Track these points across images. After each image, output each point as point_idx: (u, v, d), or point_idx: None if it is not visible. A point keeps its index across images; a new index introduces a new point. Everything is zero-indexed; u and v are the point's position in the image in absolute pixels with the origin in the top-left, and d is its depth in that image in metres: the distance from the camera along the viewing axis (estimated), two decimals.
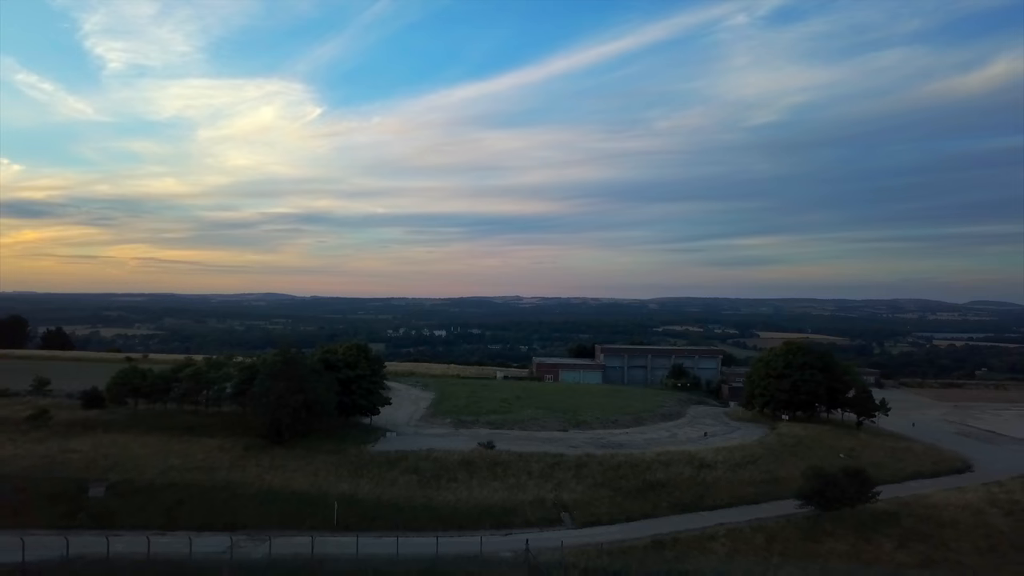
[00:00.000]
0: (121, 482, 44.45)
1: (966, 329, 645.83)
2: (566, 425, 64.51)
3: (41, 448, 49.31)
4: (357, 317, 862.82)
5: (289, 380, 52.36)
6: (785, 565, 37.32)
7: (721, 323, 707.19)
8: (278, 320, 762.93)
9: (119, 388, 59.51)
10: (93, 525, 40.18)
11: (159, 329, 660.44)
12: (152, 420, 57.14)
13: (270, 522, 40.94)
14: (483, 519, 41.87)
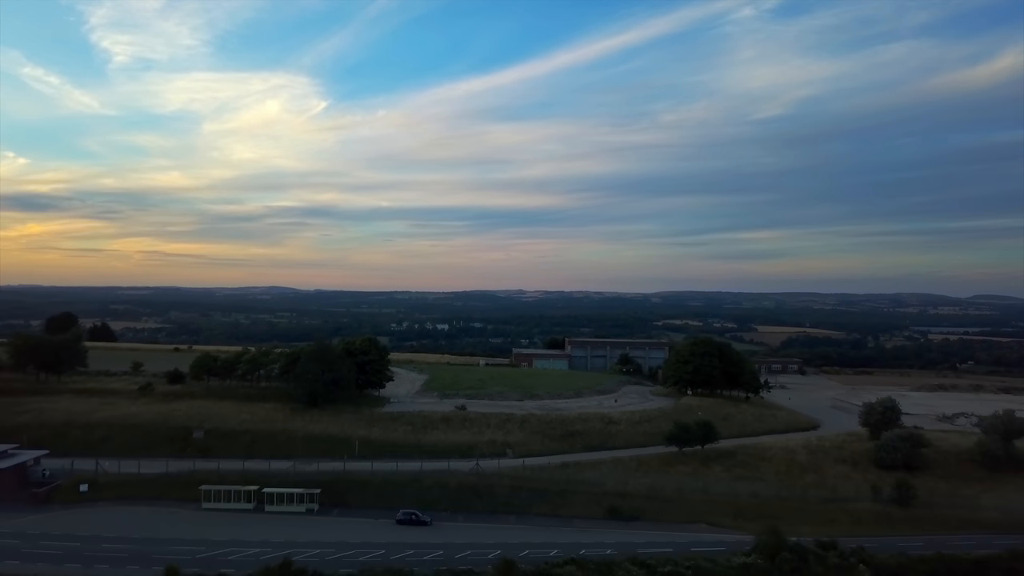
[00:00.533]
0: (212, 429, 63.77)
1: (966, 323, 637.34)
2: (522, 397, 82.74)
3: (153, 408, 68.46)
4: (361, 311, 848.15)
5: (322, 363, 71.34)
6: (641, 476, 56.56)
7: (721, 317, 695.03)
8: (283, 314, 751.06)
9: (198, 369, 78.61)
10: (199, 456, 59.39)
11: (166, 322, 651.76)
12: (223, 391, 76.34)
13: (314, 454, 60.02)
14: (453, 452, 60.99)
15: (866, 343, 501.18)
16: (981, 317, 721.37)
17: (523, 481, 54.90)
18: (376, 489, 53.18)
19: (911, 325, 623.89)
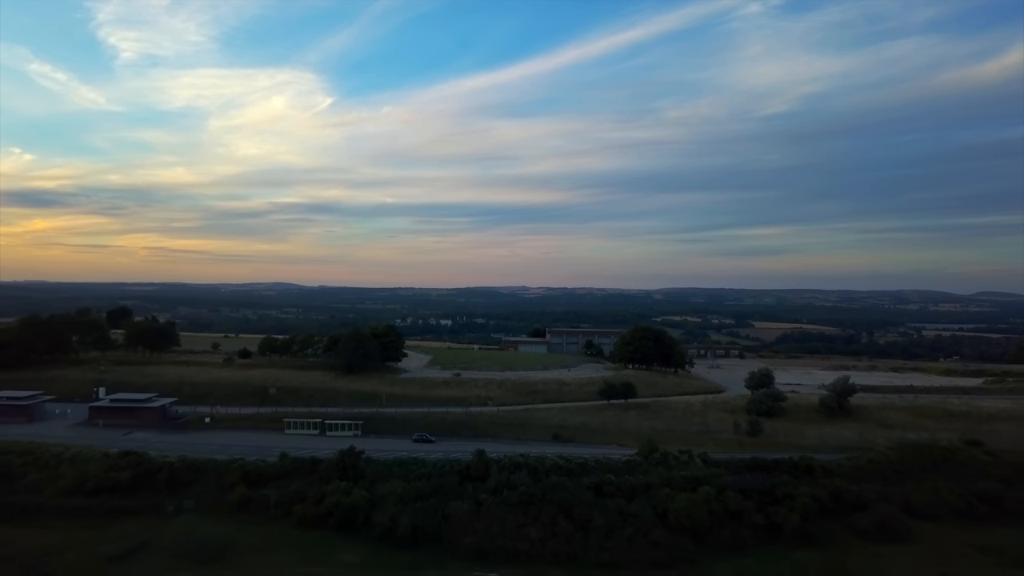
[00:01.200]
0: (281, 387, 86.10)
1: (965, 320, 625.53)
2: (503, 369, 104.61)
3: (236, 373, 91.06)
4: (365, 307, 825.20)
5: (356, 342, 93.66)
6: (578, 416, 78.90)
7: (721, 313, 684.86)
8: (289, 310, 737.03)
9: (264, 347, 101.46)
10: (274, 405, 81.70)
11: (176, 318, 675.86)
12: (283, 363, 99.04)
13: (353, 404, 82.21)
14: (450, 402, 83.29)
15: (859, 339, 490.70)
16: (981, 314, 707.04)
17: (497, 418, 77.65)
18: (398, 422, 75.90)
19: (908, 322, 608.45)
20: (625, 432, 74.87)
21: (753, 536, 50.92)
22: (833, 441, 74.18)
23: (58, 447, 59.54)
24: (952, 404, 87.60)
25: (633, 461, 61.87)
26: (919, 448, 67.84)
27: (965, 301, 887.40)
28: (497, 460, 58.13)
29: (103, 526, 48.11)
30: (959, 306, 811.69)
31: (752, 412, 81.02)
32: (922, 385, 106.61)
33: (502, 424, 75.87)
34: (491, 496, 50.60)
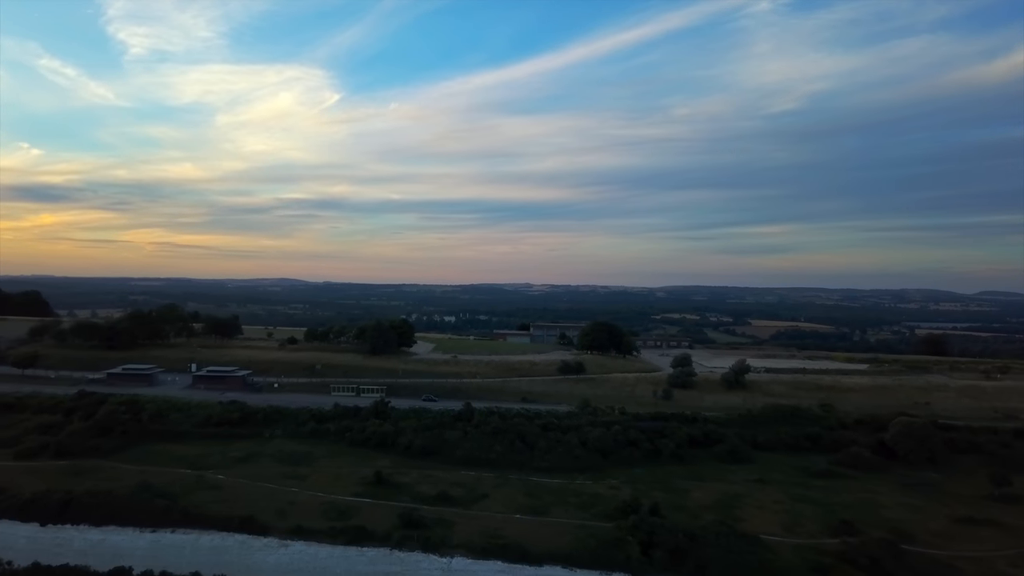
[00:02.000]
0: (324, 364, 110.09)
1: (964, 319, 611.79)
2: (491, 354, 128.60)
3: (290, 355, 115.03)
4: (370, 303, 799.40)
5: (379, 331, 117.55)
6: (541, 385, 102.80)
7: (720, 311, 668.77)
8: (296, 305, 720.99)
9: (310, 335, 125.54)
10: (320, 377, 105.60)
11: None
12: (323, 347, 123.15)
13: (378, 377, 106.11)
14: (448, 376, 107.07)
15: (852, 337, 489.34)
16: (980, 313, 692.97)
17: (482, 387, 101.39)
18: (411, 389, 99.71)
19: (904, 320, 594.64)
20: (574, 396, 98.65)
21: (643, 456, 74.78)
22: (724, 405, 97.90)
23: (182, 401, 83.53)
24: (823, 380, 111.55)
25: (572, 412, 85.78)
26: (778, 407, 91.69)
27: (966, 300, 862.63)
28: (479, 410, 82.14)
29: (227, 444, 72.12)
30: (960, 305, 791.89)
31: (669, 384, 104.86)
32: (816, 367, 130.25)
33: (485, 390, 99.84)
34: (473, 428, 74.56)
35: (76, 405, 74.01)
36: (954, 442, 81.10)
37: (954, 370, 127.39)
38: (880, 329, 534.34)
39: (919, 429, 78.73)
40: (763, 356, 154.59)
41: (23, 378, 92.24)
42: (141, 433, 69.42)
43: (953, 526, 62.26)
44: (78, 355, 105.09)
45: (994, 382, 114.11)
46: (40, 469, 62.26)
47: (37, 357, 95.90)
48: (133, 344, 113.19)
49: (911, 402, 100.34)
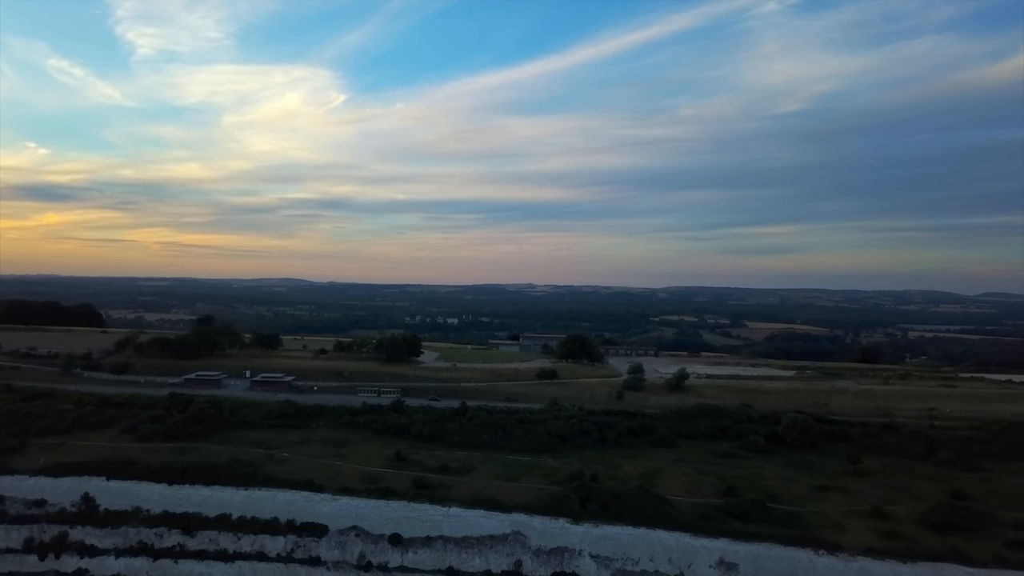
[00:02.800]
0: (350, 371, 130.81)
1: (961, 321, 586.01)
2: (485, 362, 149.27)
3: (323, 364, 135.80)
4: (375, 304, 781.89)
5: (393, 343, 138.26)
6: (523, 387, 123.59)
7: (719, 313, 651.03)
8: (301, 306, 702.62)
9: (337, 347, 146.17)
10: (349, 381, 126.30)
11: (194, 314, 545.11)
12: (349, 356, 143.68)
13: (394, 380, 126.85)
14: (449, 380, 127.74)
15: (843, 340, 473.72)
16: (979, 315, 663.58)
17: (475, 389, 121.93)
18: (420, 390, 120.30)
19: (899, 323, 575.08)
20: (546, 396, 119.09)
21: (593, 442, 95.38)
22: (664, 404, 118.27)
23: (247, 400, 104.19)
24: (748, 384, 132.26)
25: (543, 409, 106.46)
26: (703, 406, 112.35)
27: (966, 302, 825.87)
28: (472, 407, 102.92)
29: (285, 432, 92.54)
30: (959, 307, 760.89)
31: (623, 387, 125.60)
32: (750, 374, 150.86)
33: (478, 392, 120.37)
34: (467, 421, 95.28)
35: (172, 403, 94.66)
36: (832, 432, 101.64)
37: (863, 376, 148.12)
38: (874, 331, 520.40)
39: (802, 422, 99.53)
40: (712, 364, 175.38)
41: (120, 382, 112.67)
42: (223, 423, 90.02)
43: (811, 491, 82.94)
44: (156, 363, 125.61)
45: (887, 386, 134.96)
46: (156, 448, 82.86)
47: (128, 365, 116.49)
48: (197, 355, 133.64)
49: (813, 402, 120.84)
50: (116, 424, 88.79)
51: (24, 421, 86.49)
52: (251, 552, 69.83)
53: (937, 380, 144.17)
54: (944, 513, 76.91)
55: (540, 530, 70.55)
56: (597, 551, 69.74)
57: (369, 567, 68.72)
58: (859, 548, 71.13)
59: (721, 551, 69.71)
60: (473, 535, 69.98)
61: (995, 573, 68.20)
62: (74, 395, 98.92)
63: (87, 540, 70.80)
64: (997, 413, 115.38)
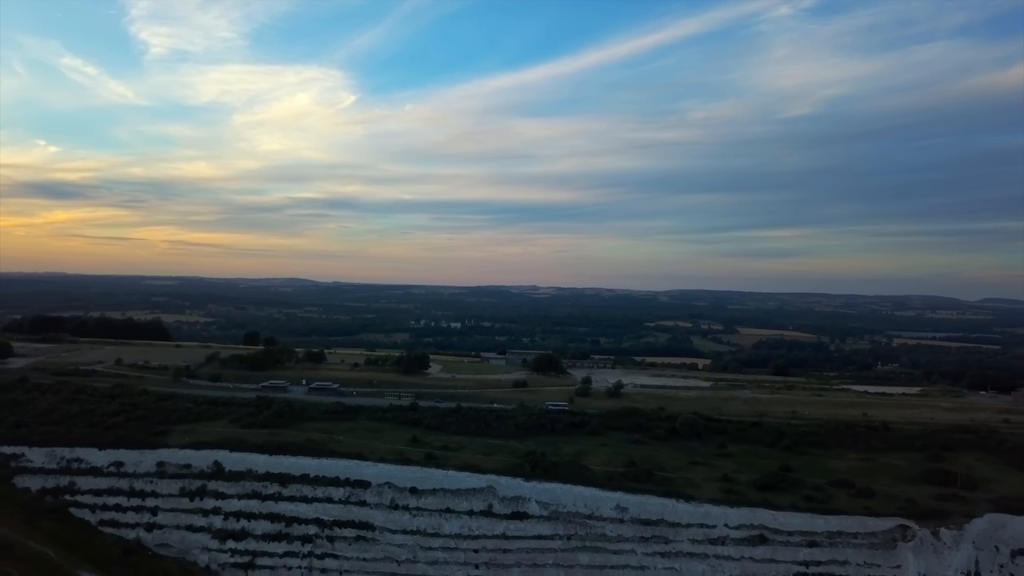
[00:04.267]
0: (377, 380, 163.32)
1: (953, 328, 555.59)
2: (476, 373, 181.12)
3: (357, 374, 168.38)
4: (380, 306, 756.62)
5: (409, 360, 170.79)
6: (504, 392, 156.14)
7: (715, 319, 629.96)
8: (310, 308, 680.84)
9: (367, 361, 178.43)
10: (377, 388, 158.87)
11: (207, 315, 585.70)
12: (376, 369, 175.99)
13: (409, 387, 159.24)
14: (450, 387, 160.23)
15: (828, 347, 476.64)
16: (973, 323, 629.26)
17: (468, 395, 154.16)
18: (428, 395, 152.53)
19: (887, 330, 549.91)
20: (519, 400, 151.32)
21: (546, 432, 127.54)
22: (602, 406, 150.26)
23: (309, 401, 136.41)
24: (667, 392, 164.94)
25: (514, 409, 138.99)
26: (629, 408, 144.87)
27: (965, 308, 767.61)
28: (464, 407, 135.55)
29: (337, 423, 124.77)
30: (956, 313, 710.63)
31: (575, 394, 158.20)
32: (675, 384, 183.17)
33: (470, 396, 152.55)
34: (461, 416, 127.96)
35: (259, 402, 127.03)
36: (713, 427, 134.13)
37: (758, 387, 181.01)
38: (860, 338, 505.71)
39: (692, 420, 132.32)
40: (653, 376, 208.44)
41: (216, 387, 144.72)
42: (297, 417, 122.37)
43: (687, 465, 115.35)
44: (238, 374, 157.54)
45: (771, 395, 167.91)
46: (256, 433, 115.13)
47: (219, 375, 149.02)
48: (265, 367, 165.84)
49: (710, 407, 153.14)
50: (225, 417, 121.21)
51: (164, 414, 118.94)
52: (322, 497, 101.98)
53: (813, 391, 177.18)
54: (767, 479, 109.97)
55: (505, 485, 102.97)
56: (540, 498, 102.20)
57: (396, 507, 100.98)
58: (706, 499, 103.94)
59: (618, 500, 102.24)
60: (462, 488, 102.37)
61: (788, 514, 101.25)
62: (190, 397, 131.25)
63: (219, 489, 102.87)
64: (839, 416, 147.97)
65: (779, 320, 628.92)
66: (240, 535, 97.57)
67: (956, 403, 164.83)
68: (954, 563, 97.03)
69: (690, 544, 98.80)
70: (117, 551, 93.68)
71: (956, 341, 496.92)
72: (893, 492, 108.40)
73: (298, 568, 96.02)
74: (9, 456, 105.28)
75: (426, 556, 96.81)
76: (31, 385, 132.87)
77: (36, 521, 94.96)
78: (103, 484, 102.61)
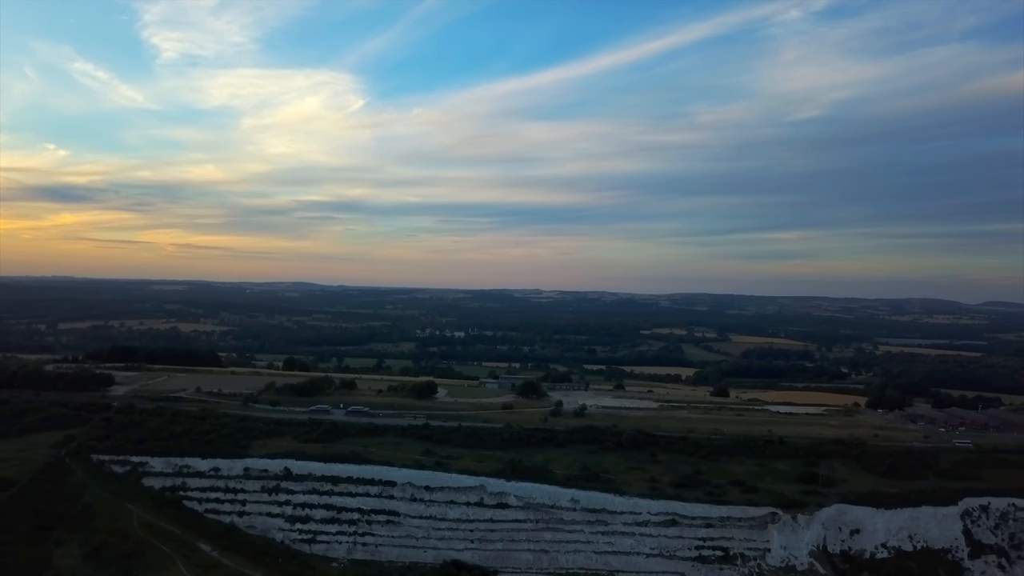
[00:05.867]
0: (397, 404, 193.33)
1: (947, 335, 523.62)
2: (473, 397, 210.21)
3: (383, 399, 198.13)
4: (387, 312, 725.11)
5: (423, 388, 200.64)
6: (496, 413, 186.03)
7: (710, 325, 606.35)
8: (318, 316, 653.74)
9: (390, 388, 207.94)
10: (398, 410, 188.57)
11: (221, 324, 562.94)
12: (396, 394, 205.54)
13: (422, 410, 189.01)
14: (451, 408, 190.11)
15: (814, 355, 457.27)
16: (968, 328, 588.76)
17: (466, 415, 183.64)
18: (436, 415, 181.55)
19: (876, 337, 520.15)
20: (505, 419, 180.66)
21: (523, 443, 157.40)
22: (569, 424, 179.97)
23: (349, 422, 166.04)
24: (623, 413, 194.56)
25: (502, 427, 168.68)
26: (588, 425, 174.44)
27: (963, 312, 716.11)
28: (463, 425, 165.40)
29: (372, 438, 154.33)
30: (953, 317, 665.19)
31: (549, 414, 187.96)
32: (630, 406, 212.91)
33: (468, 416, 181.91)
34: (461, 432, 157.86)
35: (311, 423, 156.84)
36: (650, 440, 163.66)
37: (694, 409, 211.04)
38: (847, 346, 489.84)
39: (634, 434, 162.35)
40: (616, 398, 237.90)
41: (276, 411, 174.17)
42: (341, 434, 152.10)
43: (625, 469, 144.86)
44: (289, 399, 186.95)
45: (703, 415, 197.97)
46: (313, 447, 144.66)
47: (278, 401, 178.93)
48: (310, 394, 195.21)
49: (652, 425, 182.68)
50: (288, 434, 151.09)
51: (244, 432, 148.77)
52: (362, 493, 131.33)
53: (736, 411, 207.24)
54: (682, 479, 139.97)
55: (492, 484, 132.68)
56: (517, 494, 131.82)
57: (415, 500, 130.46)
58: (636, 493, 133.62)
59: (572, 494, 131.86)
60: (462, 486, 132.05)
61: (693, 504, 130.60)
62: (260, 418, 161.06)
63: (288, 487, 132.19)
64: (750, 432, 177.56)
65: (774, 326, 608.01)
66: (304, 519, 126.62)
67: (842, 421, 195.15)
68: (806, 539, 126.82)
69: (623, 526, 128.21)
70: (219, 530, 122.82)
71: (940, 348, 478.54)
72: (771, 488, 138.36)
73: (346, 543, 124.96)
74: (138, 464, 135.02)
75: (436, 534, 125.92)
76: (139, 410, 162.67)
77: (162, 510, 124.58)
78: (206, 483, 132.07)
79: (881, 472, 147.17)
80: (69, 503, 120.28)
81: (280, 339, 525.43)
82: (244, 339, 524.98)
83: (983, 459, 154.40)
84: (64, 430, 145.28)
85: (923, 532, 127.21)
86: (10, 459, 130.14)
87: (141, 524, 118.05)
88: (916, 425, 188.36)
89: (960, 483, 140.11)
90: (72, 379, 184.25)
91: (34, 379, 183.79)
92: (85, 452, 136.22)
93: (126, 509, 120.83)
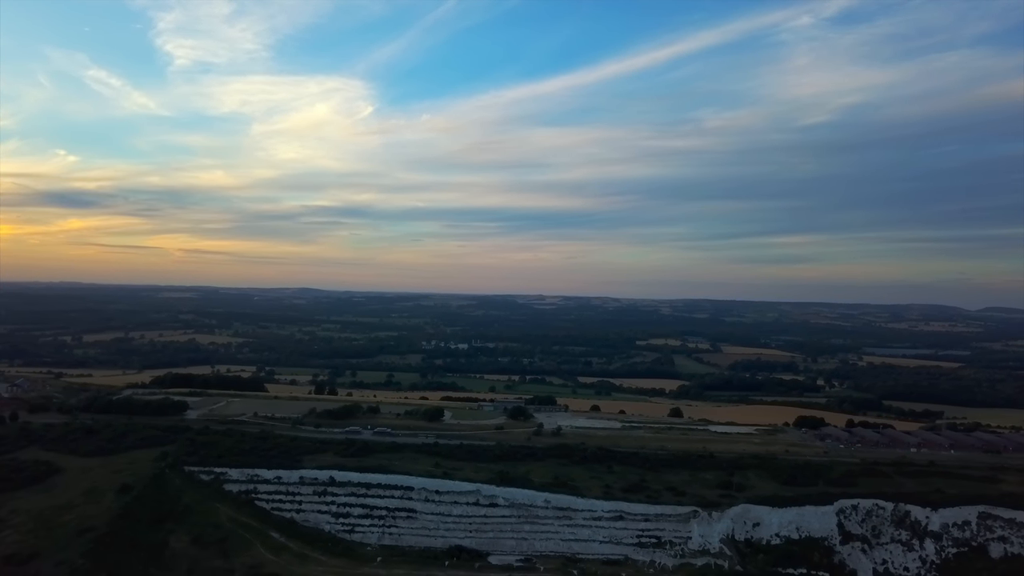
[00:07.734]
0: (411, 425, 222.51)
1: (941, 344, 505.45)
2: (473, 419, 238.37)
3: (401, 421, 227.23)
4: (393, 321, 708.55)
5: (431, 412, 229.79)
6: (490, 433, 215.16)
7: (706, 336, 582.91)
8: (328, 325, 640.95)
9: (407, 413, 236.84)
10: (413, 431, 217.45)
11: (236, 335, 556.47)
12: (410, 418, 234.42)
13: (433, 430, 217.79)
14: (455, 429, 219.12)
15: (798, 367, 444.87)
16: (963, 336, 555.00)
17: (466, 435, 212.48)
18: (444, 435, 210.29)
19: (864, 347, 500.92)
20: (497, 438, 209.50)
21: (510, 457, 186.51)
22: (547, 442, 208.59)
23: (378, 441, 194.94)
24: (592, 432, 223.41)
25: (493, 444, 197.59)
26: (562, 443, 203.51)
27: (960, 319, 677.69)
28: (464, 443, 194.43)
29: (395, 454, 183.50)
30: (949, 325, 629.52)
31: (532, 434, 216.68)
32: (599, 426, 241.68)
33: (467, 436, 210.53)
34: (462, 449, 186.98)
35: (348, 442, 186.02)
36: (609, 455, 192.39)
37: (649, 429, 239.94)
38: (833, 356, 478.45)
39: (595, 450, 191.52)
40: (590, 418, 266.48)
41: (319, 432, 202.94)
42: (371, 451, 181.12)
43: (588, 478, 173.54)
44: (328, 422, 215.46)
45: (655, 434, 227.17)
46: (350, 460, 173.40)
47: (320, 424, 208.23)
48: (344, 418, 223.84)
49: (613, 442, 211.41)
50: (330, 451, 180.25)
51: (298, 449, 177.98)
52: (388, 496, 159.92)
53: (682, 431, 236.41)
54: (629, 486, 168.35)
55: (485, 489, 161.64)
56: (504, 496, 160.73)
57: (428, 501, 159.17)
58: (593, 496, 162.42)
59: (546, 496, 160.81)
60: (463, 491, 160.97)
61: (636, 504, 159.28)
62: (307, 438, 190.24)
63: (333, 491, 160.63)
64: (690, 448, 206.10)
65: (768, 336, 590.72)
66: (345, 515, 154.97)
67: (765, 439, 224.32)
68: (718, 530, 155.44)
69: (583, 520, 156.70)
70: (283, 523, 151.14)
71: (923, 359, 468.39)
72: (696, 492, 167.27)
73: (376, 532, 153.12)
74: (219, 473, 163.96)
75: (444, 526, 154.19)
76: (213, 431, 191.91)
77: (240, 508, 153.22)
78: (271, 488, 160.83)
79: (783, 480, 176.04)
80: (173, 502, 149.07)
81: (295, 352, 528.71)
82: (260, 351, 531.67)
83: (864, 470, 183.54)
84: (158, 447, 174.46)
85: (807, 525, 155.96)
86: (124, 470, 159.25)
87: (227, 518, 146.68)
88: (822, 443, 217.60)
89: (840, 488, 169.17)
90: (157, 406, 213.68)
91: (126, 406, 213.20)
92: (178, 464, 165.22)
93: (215, 507, 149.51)
